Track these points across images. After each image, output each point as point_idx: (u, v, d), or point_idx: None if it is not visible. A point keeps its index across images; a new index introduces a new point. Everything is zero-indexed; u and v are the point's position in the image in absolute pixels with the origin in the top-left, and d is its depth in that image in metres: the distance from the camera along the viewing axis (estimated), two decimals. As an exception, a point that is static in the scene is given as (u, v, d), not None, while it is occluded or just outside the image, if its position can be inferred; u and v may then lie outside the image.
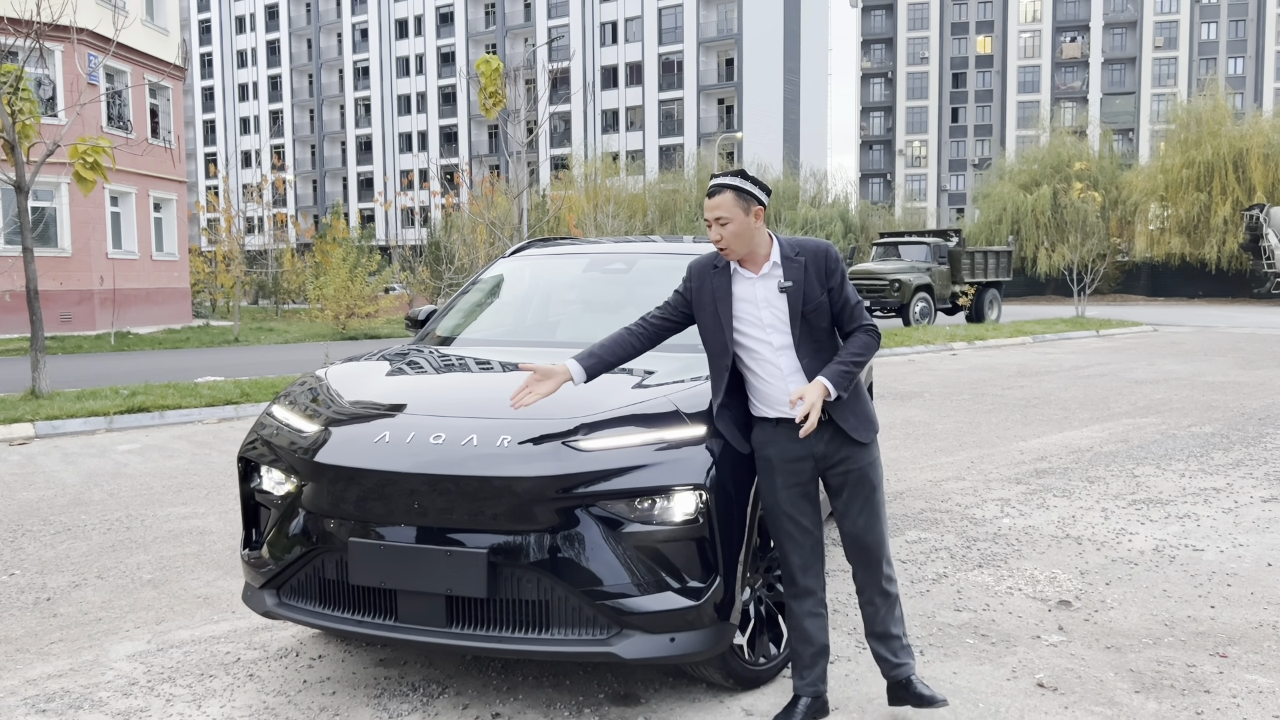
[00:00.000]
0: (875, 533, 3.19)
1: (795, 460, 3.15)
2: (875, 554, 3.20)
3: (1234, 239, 43.20)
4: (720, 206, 3.09)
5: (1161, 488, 6.85)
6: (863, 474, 3.16)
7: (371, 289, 27.08)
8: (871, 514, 3.18)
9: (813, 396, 2.99)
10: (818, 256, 3.14)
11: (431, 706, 3.42)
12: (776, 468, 3.17)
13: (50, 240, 24.80)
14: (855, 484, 3.16)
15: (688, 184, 53.41)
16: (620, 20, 69.52)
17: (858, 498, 3.17)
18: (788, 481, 3.16)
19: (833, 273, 3.14)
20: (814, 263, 3.13)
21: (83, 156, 11.16)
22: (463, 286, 5.25)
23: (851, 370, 3.09)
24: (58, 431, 9.50)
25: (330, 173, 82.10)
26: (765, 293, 3.15)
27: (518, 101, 18.32)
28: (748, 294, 3.17)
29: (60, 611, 4.48)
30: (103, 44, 20.93)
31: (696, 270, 3.28)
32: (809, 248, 3.17)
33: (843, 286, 3.15)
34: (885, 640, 3.25)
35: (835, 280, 3.14)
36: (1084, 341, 21.28)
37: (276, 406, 3.78)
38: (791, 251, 3.16)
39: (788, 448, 3.14)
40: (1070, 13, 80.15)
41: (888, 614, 3.24)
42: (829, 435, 3.13)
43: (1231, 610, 4.39)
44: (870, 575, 3.23)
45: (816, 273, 3.12)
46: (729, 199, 3.10)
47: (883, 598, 3.24)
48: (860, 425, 3.15)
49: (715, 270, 3.23)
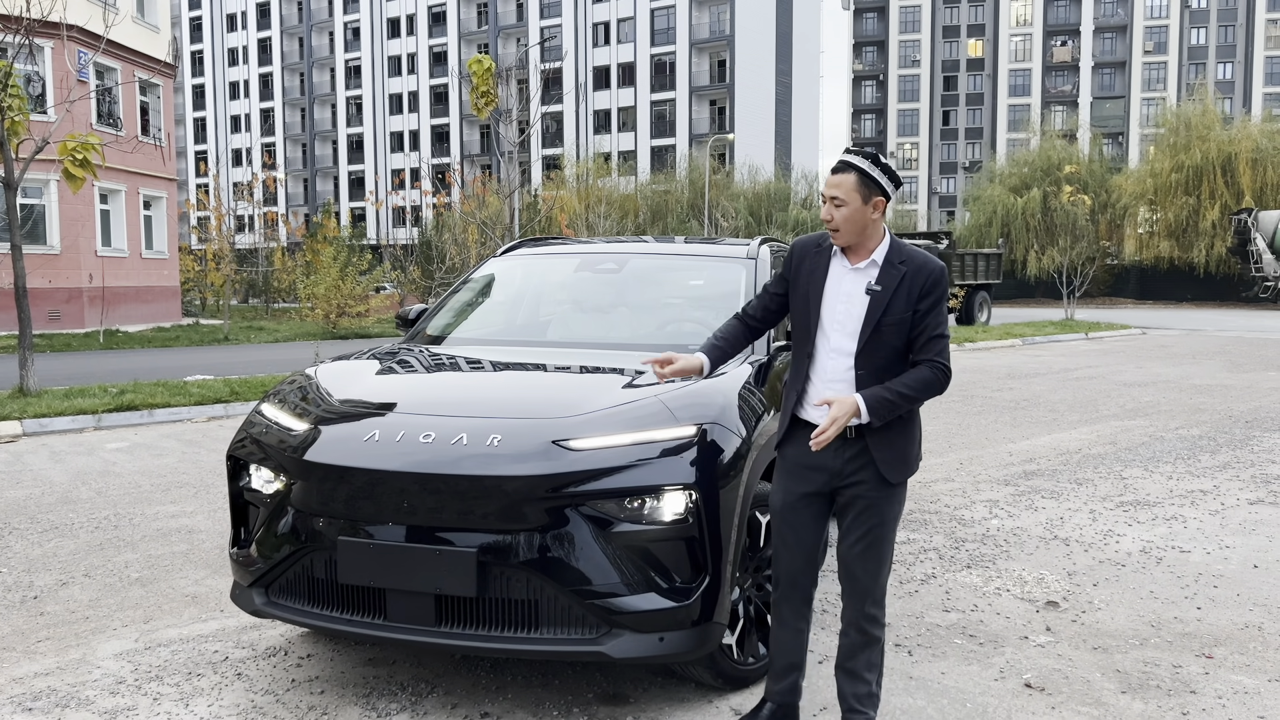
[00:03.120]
0: (869, 567, 2.96)
1: (809, 468, 2.98)
2: (863, 585, 2.98)
3: (1222, 243, 43.43)
4: (840, 186, 2.88)
5: (1149, 490, 6.89)
6: (874, 505, 2.93)
7: (362, 288, 27.01)
8: (869, 547, 2.95)
9: (838, 411, 2.79)
10: (921, 272, 2.90)
11: (420, 706, 3.41)
12: (790, 470, 3.03)
13: (39, 237, 24.69)
14: (862, 511, 2.94)
15: (679, 185, 53.44)
16: (613, 21, 69.50)
17: (860, 525, 2.95)
18: (796, 487, 3.00)
19: (928, 294, 2.89)
20: (914, 276, 2.89)
21: (72, 154, 11.11)
22: (454, 286, 5.24)
23: (897, 402, 2.84)
24: (45, 430, 9.45)
25: (321, 171, 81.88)
26: (852, 288, 2.94)
27: (510, 101, 18.30)
28: (835, 283, 2.97)
29: (47, 610, 4.46)
30: (93, 41, 20.85)
31: (799, 248, 3.09)
32: (916, 260, 2.92)
33: (931, 312, 2.89)
34: (852, 679, 3.04)
35: (928, 303, 2.89)
36: (1073, 344, 21.36)
37: (266, 405, 3.77)
38: (897, 258, 2.92)
39: (804, 453, 2.97)
40: (1061, 17, 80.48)
41: (862, 653, 3.02)
42: (852, 454, 2.92)
43: (1217, 611, 4.41)
44: (854, 607, 3.01)
45: (911, 287, 2.88)
46: (851, 181, 2.88)
47: (859, 634, 3.01)
48: (894, 462, 2.91)
49: (819, 250, 3.04)
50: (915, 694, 3.52)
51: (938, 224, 74.62)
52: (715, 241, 5.37)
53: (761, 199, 50.79)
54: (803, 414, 3.02)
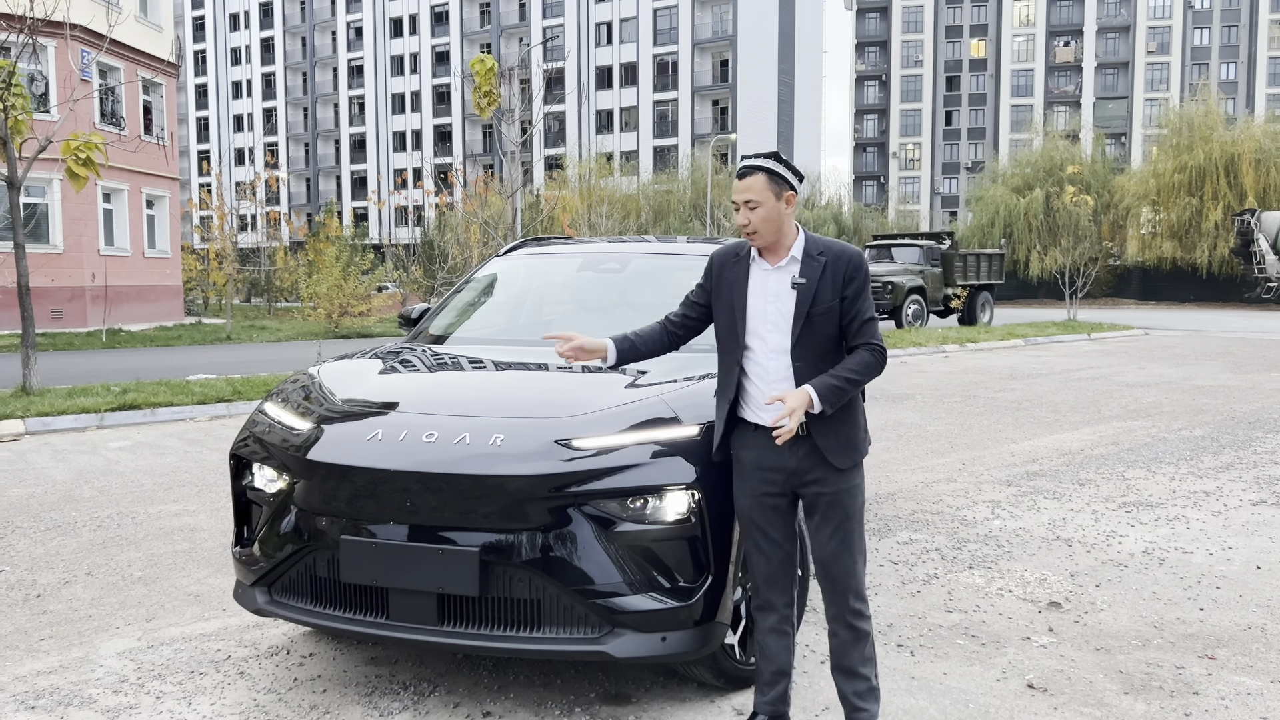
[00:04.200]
0: (844, 562, 2.97)
1: (767, 470, 2.98)
2: (843, 584, 2.99)
3: (1225, 244, 43.35)
4: (751, 189, 2.91)
5: (1151, 491, 6.88)
6: (836, 499, 2.94)
7: (364, 288, 27.03)
8: (841, 542, 2.96)
9: (794, 403, 2.80)
10: (840, 259, 2.95)
11: (422, 705, 3.41)
12: (748, 474, 3.01)
13: (42, 236, 24.72)
14: (827, 508, 2.95)
15: (681, 185, 53.44)
16: (615, 21, 69.52)
17: (828, 523, 2.96)
18: (757, 490, 3.00)
19: (851, 280, 2.93)
20: (834, 265, 2.94)
21: (75, 153, 11.12)
22: (456, 285, 5.24)
23: (844, 387, 2.87)
24: (48, 428, 9.46)
25: (324, 171, 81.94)
26: (776, 287, 2.97)
27: (512, 101, 18.29)
28: (759, 286, 3.00)
29: (50, 608, 4.47)
30: (96, 40, 20.85)
31: (718, 260, 3.12)
32: (834, 249, 2.98)
33: (858, 299, 2.94)
34: (849, 677, 3.03)
35: (852, 289, 2.93)
36: (1075, 345, 21.34)
37: (269, 404, 3.77)
38: (815, 249, 2.97)
39: (760, 455, 2.98)
40: (1064, 17, 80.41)
41: (854, 649, 3.02)
42: (804, 452, 2.93)
43: (1220, 613, 4.41)
44: (836, 605, 3.02)
45: (834, 276, 2.93)
46: (761, 181, 2.92)
47: (848, 631, 3.01)
48: (839, 448, 2.93)
49: (736, 259, 3.07)
50: (917, 694, 3.52)
51: (940, 224, 74.54)
52: (718, 242, 5.36)
53: (764, 199, 50.67)
54: (749, 416, 3.02)
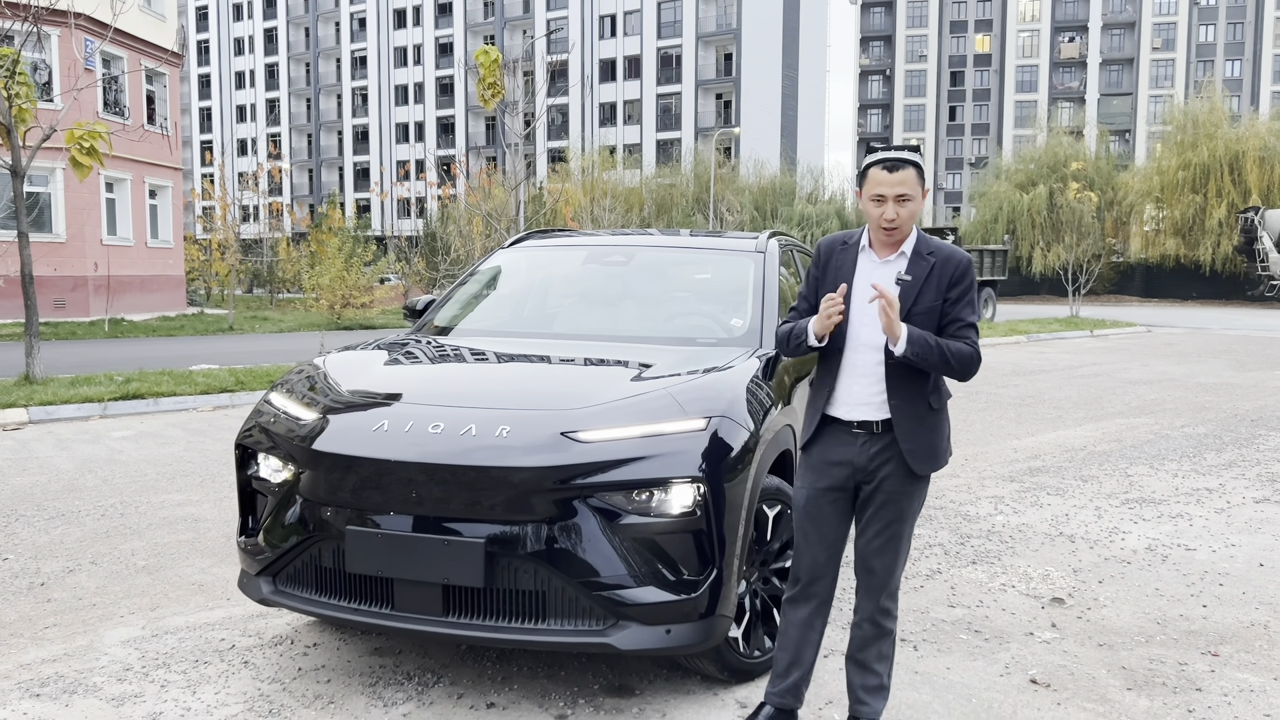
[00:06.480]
0: (887, 560, 2.97)
1: (833, 464, 2.96)
2: (878, 580, 2.99)
3: (1229, 241, 43.31)
4: (905, 183, 2.84)
5: (1154, 487, 6.88)
6: (896, 500, 2.92)
7: (367, 279, 27.04)
8: (889, 540, 2.95)
9: (894, 313, 2.75)
10: (949, 262, 2.90)
11: (426, 695, 3.42)
12: (813, 465, 3.01)
13: (45, 226, 24.71)
14: (883, 505, 2.94)
15: (684, 179, 53.35)
16: (619, 13, 69.37)
17: (880, 519, 2.95)
18: (818, 482, 2.99)
19: (957, 284, 2.89)
20: (943, 266, 2.89)
21: (79, 142, 11.12)
22: (460, 277, 5.24)
23: (934, 349, 2.79)
24: (51, 417, 9.48)
25: (326, 162, 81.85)
26: (882, 280, 2.90)
27: (516, 93, 18.30)
28: (866, 277, 2.94)
29: (54, 597, 4.48)
30: (100, 29, 20.82)
31: (825, 247, 3.06)
32: (944, 251, 2.93)
33: (961, 301, 2.89)
34: (862, 671, 3.07)
35: (957, 291, 2.89)
36: (1078, 341, 21.32)
37: (275, 394, 3.77)
38: (925, 249, 2.93)
39: (830, 448, 2.97)
40: (1069, 13, 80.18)
41: (873, 645, 3.04)
42: (879, 449, 2.91)
43: (1223, 609, 4.41)
44: (867, 599, 3.03)
45: (940, 277, 2.89)
46: (914, 176, 2.85)
47: (873, 627, 3.03)
48: (924, 455, 2.90)
49: (845, 246, 3.02)
50: (921, 689, 3.52)
51: (943, 220, 74.29)
52: (724, 235, 5.36)
53: (767, 193, 50.69)
54: (833, 411, 2.98)
